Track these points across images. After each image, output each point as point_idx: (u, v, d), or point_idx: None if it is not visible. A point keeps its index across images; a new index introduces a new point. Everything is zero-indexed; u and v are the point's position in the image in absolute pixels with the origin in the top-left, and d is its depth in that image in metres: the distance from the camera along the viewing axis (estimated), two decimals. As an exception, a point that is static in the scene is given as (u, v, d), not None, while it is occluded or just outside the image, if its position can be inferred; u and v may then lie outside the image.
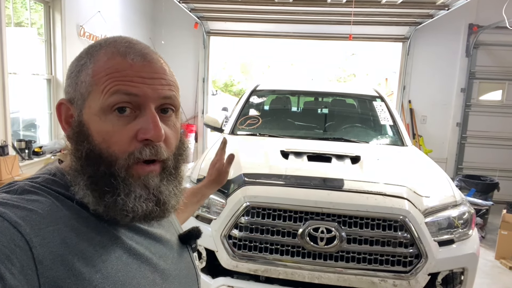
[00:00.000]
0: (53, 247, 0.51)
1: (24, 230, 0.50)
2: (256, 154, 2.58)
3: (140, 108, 0.59)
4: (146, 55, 0.61)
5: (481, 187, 4.89)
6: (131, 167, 0.59)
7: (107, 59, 0.59)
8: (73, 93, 0.61)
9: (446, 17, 5.34)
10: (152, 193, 0.60)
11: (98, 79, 0.58)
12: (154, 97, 0.60)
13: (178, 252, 0.72)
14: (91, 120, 0.59)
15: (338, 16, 5.52)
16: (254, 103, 3.72)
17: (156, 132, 0.59)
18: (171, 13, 6.21)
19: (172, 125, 0.64)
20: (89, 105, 0.59)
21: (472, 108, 6.10)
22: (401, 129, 3.28)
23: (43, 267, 0.49)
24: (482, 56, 5.93)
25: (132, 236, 0.63)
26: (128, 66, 0.59)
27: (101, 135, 0.58)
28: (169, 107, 0.63)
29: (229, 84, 17.98)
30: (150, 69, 0.61)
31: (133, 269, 0.59)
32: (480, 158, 6.09)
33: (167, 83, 0.63)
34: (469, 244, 2.12)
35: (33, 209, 0.53)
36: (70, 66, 0.63)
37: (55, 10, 3.91)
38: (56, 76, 4.00)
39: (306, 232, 1.97)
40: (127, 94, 0.58)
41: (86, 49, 0.63)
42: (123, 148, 0.58)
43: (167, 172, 0.63)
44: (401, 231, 1.97)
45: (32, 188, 0.57)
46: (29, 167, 3.49)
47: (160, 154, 0.60)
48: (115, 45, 0.61)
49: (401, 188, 2.11)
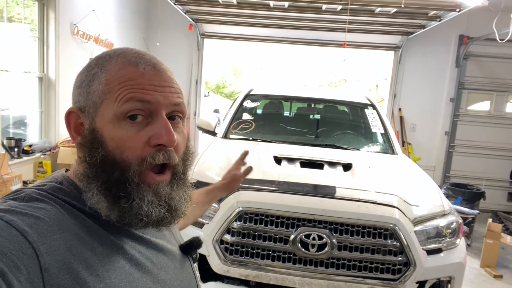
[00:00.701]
0: (59, 256, 0.52)
1: (32, 238, 0.50)
2: (249, 159, 2.59)
3: (151, 115, 0.61)
4: (156, 65, 0.64)
5: (467, 196, 4.97)
6: (143, 173, 0.61)
7: (119, 69, 0.61)
8: (84, 102, 0.62)
9: (438, 27, 5.44)
10: (163, 200, 0.62)
11: (111, 88, 0.60)
12: (165, 104, 0.62)
13: (179, 263, 0.73)
14: (105, 128, 0.60)
15: (332, 23, 5.57)
16: (248, 108, 3.73)
17: (169, 137, 0.61)
18: (166, 14, 6.19)
19: (180, 131, 0.66)
20: (102, 112, 0.60)
21: (461, 117, 6.21)
22: (391, 138, 3.33)
23: (49, 275, 0.50)
24: (472, 67, 6.05)
25: (135, 246, 0.64)
26: (140, 75, 0.61)
27: (115, 141, 0.60)
28: (177, 114, 0.65)
29: (221, 86, 17.98)
30: (161, 77, 0.63)
31: (136, 279, 0.60)
32: (467, 167, 6.20)
33: (176, 91, 0.65)
34: (456, 253, 2.17)
35: (40, 217, 0.54)
36: (80, 76, 0.65)
37: (49, 8, 3.87)
38: (48, 74, 3.96)
39: (298, 239, 1.99)
40: (141, 101, 0.60)
41: (95, 60, 0.65)
42: (137, 154, 0.60)
43: (177, 177, 0.65)
44: (391, 239, 2.01)
45: (39, 196, 0.58)
46: (18, 165, 3.45)
47: (172, 158, 0.63)
48: (125, 55, 0.63)
49: (392, 196, 2.15)
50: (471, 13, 5.50)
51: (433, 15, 4.96)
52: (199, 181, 2.31)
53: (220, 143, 3.12)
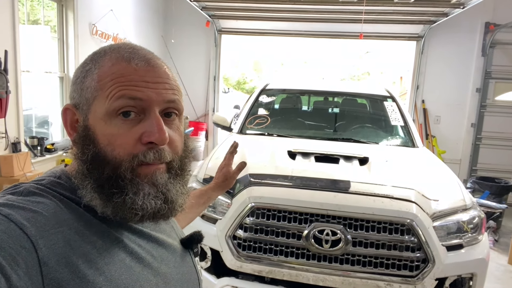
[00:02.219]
0: (57, 249, 0.52)
1: (30, 232, 0.50)
2: (263, 154, 2.57)
3: (144, 112, 0.60)
4: (150, 60, 0.62)
5: (495, 190, 4.78)
6: (135, 169, 0.60)
7: (111, 65, 0.60)
8: (79, 99, 0.62)
9: (462, 15, 5.23)
10: (160, 191, 0.61)
11: (103, 84, 0.59)
12: (158, 101, 0.61)
13: (180, 257, 0.73)
14: (97, 124, 0.60)
15: (349, 14, 5.45)
16: (263, 102, 3.70)
17: (161, 135, 0.60)
18: (183, 11, 6.23)
19: (176, 128, 0.65)
20: (95, 109, 0.60)
21: (488, 108, 5.96)
22: (412, 130, 3.22)
23: (47, 268, 0.50)
24: (499, 56, 5.79)
25: (134, 239, 0.64)
26: (133, 71, 0.60)
27: (107, 138, 0.59)
28: (172, 111, 0.64)
29: (242, 81, 17.98)
30: (154, 73, 0.62)
31: (136, 272, 0.60)
32: (495, 159, 5.96)
33: (171, 88, 0.63)
34: (479, 249, 2.07)
35: (38, 211, 0.54)
36: (75, 72, 0.64)
37: (68, 8, 3.96)
38: (68, 74, 4.06)
39: (311, 234, 1.96)
40: (132, 98, 0.59)
41: (91, 56, 0.64)
42: (128, 151, 0.59)
43: (173, 172, 0.64)
44: (408, 235, 1.94)
45: (37, 190, 0.58)
46: (41, 163, 3.55)
47: (163, 157, 0.61)
48: (119, 51, 0.62)
49: (409, 191, 2.08)
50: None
51: (456, 1, 4.76)
52: (212, 177, 2.30)
53: (235, 138, 3.11)
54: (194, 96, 6.49)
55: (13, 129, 3.26)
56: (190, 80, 6.47)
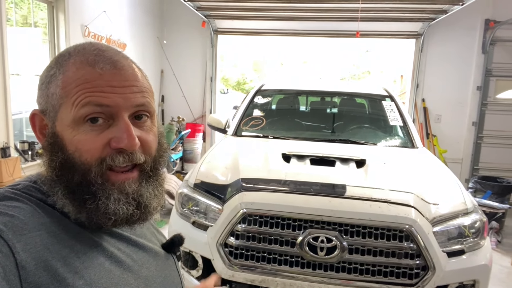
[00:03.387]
0: (36, 253, 0.51)
1: (7, 236, 0.50)
2: (256, 157, 2.49)
3: (113, 118, 0.59)
4: (116, 63, 0.60)
5: (497, 189, 4.69)
6: (105, 173, 0.59)
7: (76, 70, 0.59)
8: (45, 105, 0.61)
9: (461, 12, 5.14)
10: (131, 197, 0.61)
11: (68, 91, 0.58)
12: (126, 106, 0.59)
13: (162, 260, 0.72)
14: (64, 131, 0.59)
15: (346, 12, 5.36)
16: (259, 103, 3.62)
17: (130, 141, 0.59)
18: (178, 11, 6.15)
19: (148, 129, 0.64)
20: (61, 117, 0.59)
21: (489, 106, 5.87)
22: (411, 130, 3.14)
23: (26, 272, 0.49)
24: (499, 53, 5.69)
25: (114, 243, 0.63)
26: (98, 76, 0.58)
27: (74, 144, 0.58)
28: (143, 113, 0.63)
29: (241, 82, 17.90)
30: (121, 77, 0.60)
31: (116, 276, 0.59)
32: (497, 158, 5.86)
33: (139, 90, 0.62)
34: (481, 255, 1.99)
35: (15, 215, 0.53)
36: (41, 76, 0.62)
37: (59, 10, 3.88)
38: (60, 76, 3.97)
39: (305, 241, 1.87)
40: (99, 105, 0.57)
41: (56, 58, 0.62)
42: (96, 155, 0.58)
43: (145, 174, 0.63)
44: (407, 241, 1.85)
45: (13, 195, 0.57)
46: (31, 168, 3.47)
47: (136, 159, 0.61)
48: (83, 53, 0.60)
49: (408, 195, 1.99)
50: (498, -5, 5.18)
51: (455, -2, 4.68)
52: (203, 182, 2.23)
53: (229, 140, 3.03)
54: (190, 98, 6.41)
55: (2, 134, 3.18)
56: (187, 81, 6.39)
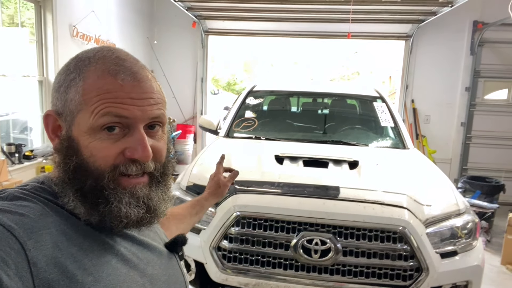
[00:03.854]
0: (46, 250, 0.52)
1: (18, 234, 0.51)
2: (249, 159, 2.47)
3: (129, 128, 0.61)
4: (136, 74, 0.62)
5: (486, 189, 4.74)
6: (117, 179, 0.61)
7: (97, 78, 0.60)
8: (62, 108, 0.62)
9: (450, 14, 5.19)
10: (142, 201, 0.62)
11: (88, 99, 0.59)
12: (143, 118, 0.62)
13: (166, 259, 0.74)
14: (81, 137, 0.60)
15: (337, 14, 5.37)
16: (251, 105, 3.60)
17: (144, 153, 0.61)
18: (168, 12, 6.10)
19: (160, 138, 0.66)
20: (79, 122, 0.60)
21: (477, 107, 5.94)
22: (402, 131, 3.15)
23: (37, 269, 0.50)
24: (487, 54, 5.77)
25: (120, 241, 0.64)
26: (119, 87, 0.60)
27: (90, 150, 0.60)
28: (156, 123, 0.65)
29: (232, 83, 17.85)
30: (140, 89, 0.62)
31: (123, 273, 0.61)
32: (485, 158, 5.94)
33: (156, 102, 0.64)
34: (473, 256, 2.00)
35: (25, 214, 0.54)
36: (58, 78, 0.63)
37: (46, 10, 3.81)
38: (48, 77, 3.90)
39: (300, 244, 1.86)
40: (118, 116, 0.59)
41: (75, 63, 0.63)
42: (109, 162, 0.60)
43: (155, 180, 0.66)
44: (401, 243, 1.85)
45: (22, 195, 0.58)
46: (19, 171, 3.40)
47: (146, 168, 0.63)
48: (104, 61, 0.61)
49: (401, 196, 2.00)
50: (485, -3, 5.25)
51: (444, 0, 4.72)
52: (196, 184, 2.20)
53: (221, 142, 3.00)
54: (181, 99, 6.35)
55: (-12, 136, 3.11)
56: (177, 82, 6.33)
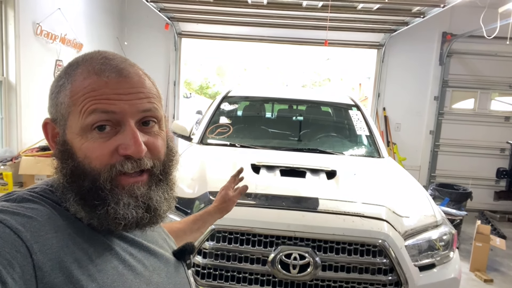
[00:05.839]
0: (52, 254, 0.52)
1: (25, 237, 0.51)
2: (224, 168, 2.37)
3: (120, 124, 0.60)
4: (122, 70, 0.62)
5: (454, 197, 4.86)
6: (114, 178, 0.60)
7: (83, 79, 0.60)
8: (55, 114, 0.63)
9: (421, 25, 5.31)
10: (140, 200, 0.61)
11: (75, 100, 0.60)
12: (132, 112, 0.61)
13: (173, 267, 0.73)
14: (74, 139, 0.60)
15: (313, 21, 5.39)
16: (226, 110, 3.51)
17: (136, 147, 0.60)
18: (140, 12, 5.91)
19: (156, 135, 0.65)
20: (70, 125, 0.60)
21: (445, 116, 6.11)
22: (377, 140, 3.15)
23: (42, 273, 0.50)
24: (455, 65, 5.96)
25: (126, 248, 0.64)
26: (104, 84, 0.60)
27: (83, 151, 0.59)
28: (150, 119, 0.64)
29: (205, 86, 17.67)
30: (126, 84, 0.61)
31: (129, 280, 0.60)
32: (452, 166, 6.11)
33: (146, 96, 0.63)
34: (451, 268, 1.99)
35: (33, 217, 0.54)
36: (51, 86, 0.64)
37: (8, 5, 3.56)
38: (8, 77, 3.64)
39: (277, 259, 1.78)
40: (105, 112, 0.59)
41: (65, 68, 0.64)
42: (105, 162, 0.59)
43: (155, 178, 0.64)
44: (380, 257, 1.81)
45: (31, 197, 0.58)
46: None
47: (143, 165, 0.62)
48: (91, 62, 0.62)
49: (380, 208, 1.96)
50: (454, 10, 5.41)
51: (416, 11, 4.82)
52: (168, 195, 2.08)
53: (195, 149, 2.89)
54: (152, 102, 6.16)
55: None
56: (148, 85, 6.13)
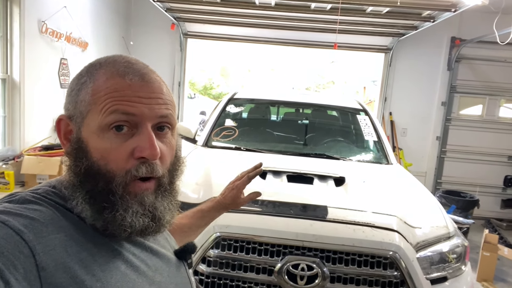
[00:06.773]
0: (55, 255, 0.52)
1: (28, 238, 0.51)
2: (230, 172, 2.31)
3: (137, 127, 0.61)
4: (144, 75, 0.63)
5: (461, 204, 4.78)
6: (128, 184, 0.61)
7: (106, 79, 0.61)
8: (73, 111, 0.63)
9: (429, 29, 5.25)
10: (147, 209, 0.62)
11: (97, 98, 0.60)
12: (151, 116, 0.62)
13: (174, 267, 0.73)
14: (90, 138, 0.60)
15: (322, 23, 5.33)
16: (231, 113, 3.45)
17: (152, 151, 0.61)
18: (146, 12, 5.88)
19: (168, 142, 0.66)
20: (88, 123, 0.61)
21: (452, 122, 6.03)
22: (385, 146, 3.08)
23: (46, 273, 0.50)
24: (464, 70, 5.88)
25: (129, 248, 0.64)
26: (127, 86, 0.61)
27: (99, 152, 0.60)
28: (165, 125, 0.65)
29: (209, 87, 17.65)
30: (148, 89, 0.62)
31: (132, 280, 0.60)
32: (459, 172, 6.03)
33: (164, 102, 0.64)
34: (463, 281, 1.92)
35: (35, 218, 0.55)
36: (71, 83, 0.65)
37: (13, 3, 3.53)
38: (12, 75, 3.61)
39: (284, 269, 1.72)
40: (125, 113, 0.60)
41: (87, 67, 0.65)
42: (121, 166, 0.60)
43: (162, 188, 0.65)
44: (391, 269, 1.74)
45: (33, 199, 0.58)
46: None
47: (156, 171, 0.63)
48: (114, 64, 0.63)
49: (391, 218, 1.89)
50: (463, 15, 5.33)
51: (426, 15, 4.76)
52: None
53: (199, 152, 2.83)
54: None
55: None
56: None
